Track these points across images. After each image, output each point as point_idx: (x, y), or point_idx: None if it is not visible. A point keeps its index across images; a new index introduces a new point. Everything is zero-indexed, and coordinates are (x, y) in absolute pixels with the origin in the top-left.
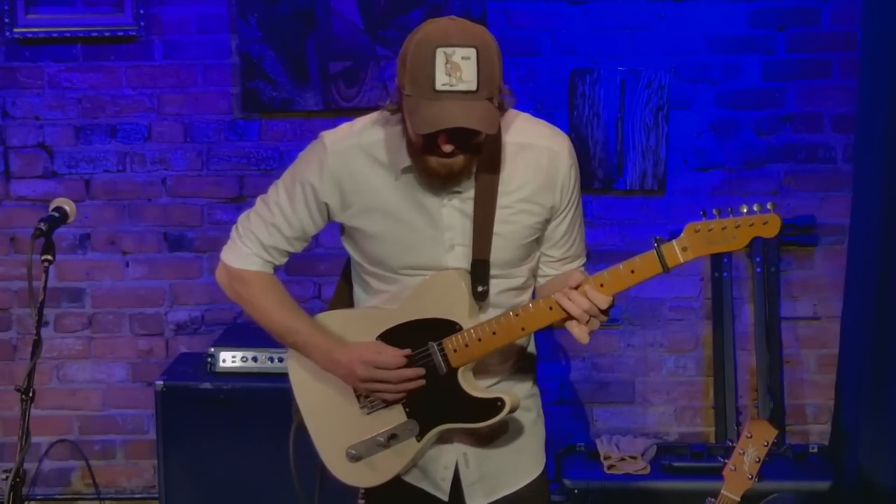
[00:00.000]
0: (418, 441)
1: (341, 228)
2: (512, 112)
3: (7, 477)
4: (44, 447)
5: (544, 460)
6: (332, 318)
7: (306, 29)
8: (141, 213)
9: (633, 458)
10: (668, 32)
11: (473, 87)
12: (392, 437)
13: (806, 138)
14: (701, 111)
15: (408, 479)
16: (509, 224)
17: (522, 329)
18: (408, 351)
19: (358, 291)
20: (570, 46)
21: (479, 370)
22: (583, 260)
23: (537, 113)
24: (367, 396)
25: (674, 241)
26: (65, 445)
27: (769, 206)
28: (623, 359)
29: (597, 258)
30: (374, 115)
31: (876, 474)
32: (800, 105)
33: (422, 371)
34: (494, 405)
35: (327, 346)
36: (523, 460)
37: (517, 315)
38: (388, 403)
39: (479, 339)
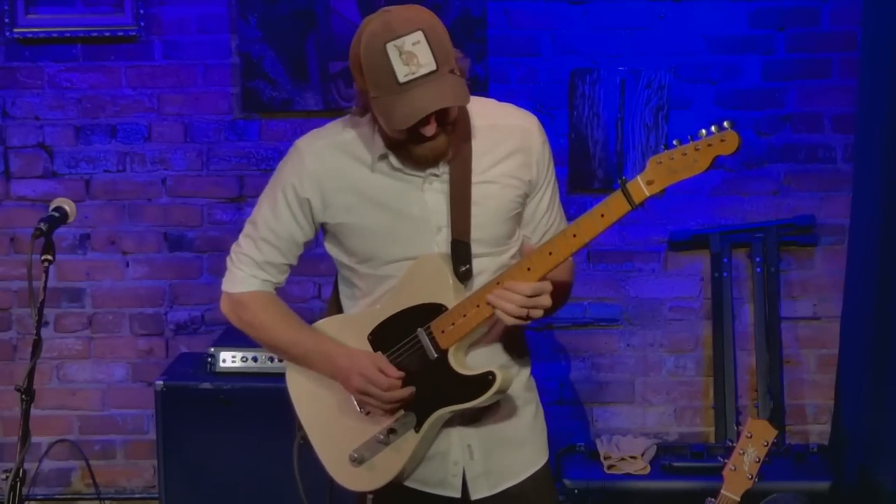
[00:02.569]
0: (416, 432)
1: (324, 232)
2: (474, 98)
3: (7, 477)
4: (44, 447)
5: (548, 453)
6: (328, 326)
7: (306, 29)
8: (141, 213)
9: (633, 458)
10: (668, 32)
11: (434, 66)
12: (391, 432)
13: (806, 138)
14: (701, 111)
15: (414, 485)
16: (491, 199)
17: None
18: (401, 373)
19: (346, 302)
20: (570, 46)
21: (471, 358)
22: None
23: (537, 113)
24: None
25: (638, 176)
26: (65, 445)
27: (726, 123)
28: (623, 359)
29: (597, 258)
30: (343, 118)
31: (876, 474)
32: (800, 105)
33: (412, 389)
34: (485, 380)
35: (331, 351)
36: (526, 452)
37: (498, 283)
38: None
39: (465, 315)
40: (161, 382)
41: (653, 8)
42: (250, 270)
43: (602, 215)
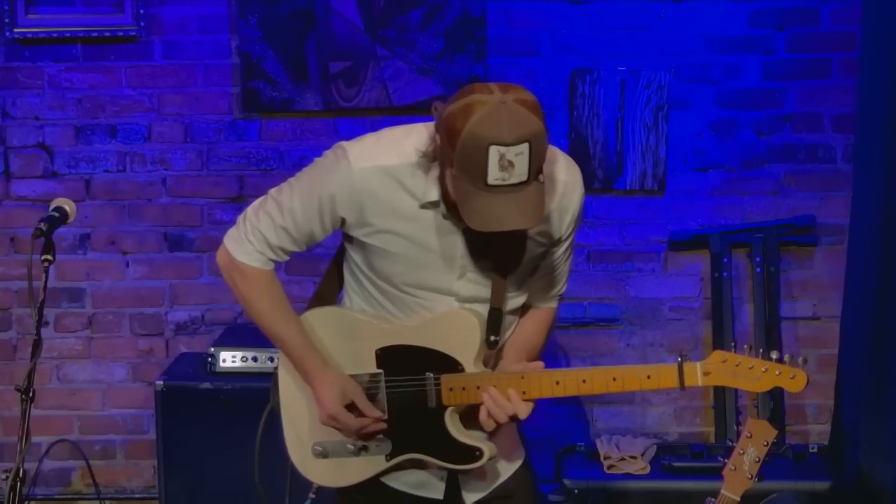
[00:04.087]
0: (387, 461)
1: (348, 236)
2: None
3: (7, 477)
4: (44, 447)
5: (523, 449)
6: (333, 315)
7: (306, 29)
8: (141, 213)
9: (633, 458)
10: (668, 32)
11: (524, 178)
12: (363, 449)
13: (806, 138)
14: (701, 111)
15: (394, 484)
16: (521, 253)
17: (524, 393)
18: (379, 414)
19: (352, 285)
20: (570, 46)
21: (466, 416)
22: (559, 289)
23: None
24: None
25: (698, 363)
26: (65, 445)
27: (800, 360)
28: (623, 359)
29: (596, 258)
30: (400, 135)
31: (876, 474)
32: (800, 105)
33: (383, 426)
34: (472, 454)
35: (309, 368)
36: (507, 450)
37: (523, 378)
38: None
39: (478, 388)
40: (161, 382)
41: (653, 8)
42: (260, 247)
43: (648, 377)
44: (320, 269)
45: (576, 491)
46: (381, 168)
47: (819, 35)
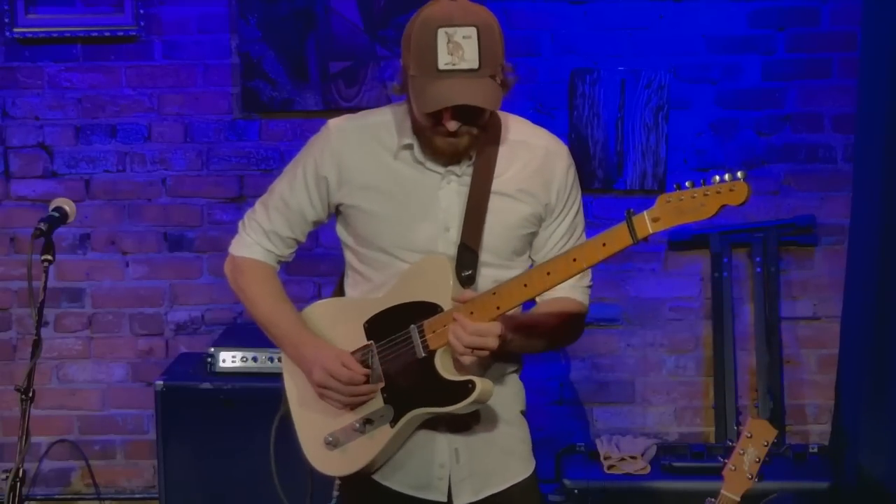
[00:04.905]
0: (391, 427)
1: (337, 212)
2: (511, 115)
3: (7, 477)
4: (44, 447)
5: (534, 463)
6: (325, 307)
7: (306, 29)
8: (141, 213)
9: (633, 458)
10: (667, 32)
11: (475, 65)
12: (367, 423)
13: (806, 138)
14: (701, 111)
15: (398, 488)
16: (504, 212)
17: (498, 308)
18: (368, 371)
19: (349, 282)
20: (570, 46)
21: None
22: (584, 283)
23: (537, 113)
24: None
25: (645, 212)
26: (65, 445)
27: (739, 174)
28: (623, 359)
29: None
30: (379, 108)
31: (876, 474)
32: (800, 105)
33: (377, 387)
34: (465, 387)
35: (299, 339)
36: (512, 461)
37: (494, 293)
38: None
39: (455, 319)
40: (161, 382)
41: (653, 8)
42: (257, 238)
43: (604, 244)
44: (320, 269)
45: (576, 491)
46: (357, 125)
47: (819, 35)
